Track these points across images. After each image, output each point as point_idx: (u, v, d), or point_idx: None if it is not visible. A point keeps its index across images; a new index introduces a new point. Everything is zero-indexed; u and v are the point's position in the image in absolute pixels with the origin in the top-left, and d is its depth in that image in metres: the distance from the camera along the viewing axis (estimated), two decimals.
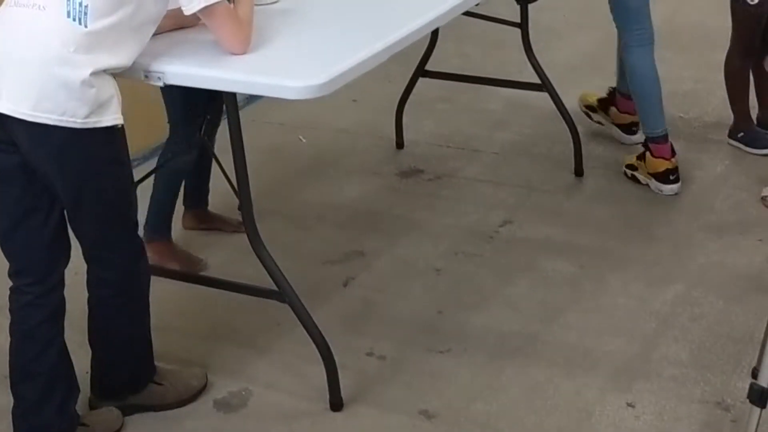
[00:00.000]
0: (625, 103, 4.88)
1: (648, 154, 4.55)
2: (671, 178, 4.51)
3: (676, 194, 4.50)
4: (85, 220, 3.09)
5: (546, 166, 4.78)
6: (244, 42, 3.15)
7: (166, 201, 4.08)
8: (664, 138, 4.53)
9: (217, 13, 3.07)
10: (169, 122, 3.90)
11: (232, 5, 3.15)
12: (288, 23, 3.44)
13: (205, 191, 4.29)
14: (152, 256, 4.01)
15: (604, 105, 5.00)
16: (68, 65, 2.86)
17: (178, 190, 4.11)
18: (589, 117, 5.04)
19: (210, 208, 4.37)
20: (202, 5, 3.03)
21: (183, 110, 3.81)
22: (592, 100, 5.04)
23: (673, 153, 4.53)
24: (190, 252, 4.18)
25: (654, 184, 4.54)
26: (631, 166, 4.64)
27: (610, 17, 4.59)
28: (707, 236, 4.23)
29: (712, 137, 4.97)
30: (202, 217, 4.34)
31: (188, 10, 3.04)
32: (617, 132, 4.97)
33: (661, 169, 4.51)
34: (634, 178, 4.62)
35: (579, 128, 4.71)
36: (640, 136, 4.77)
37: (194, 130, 3.87)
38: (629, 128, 4.94)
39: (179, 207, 4.19)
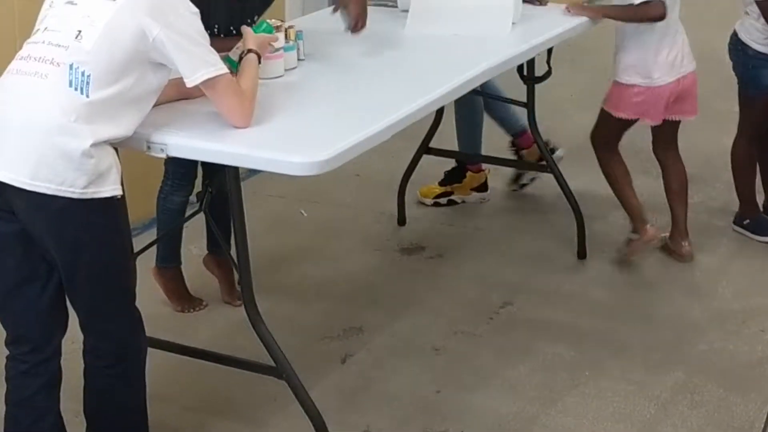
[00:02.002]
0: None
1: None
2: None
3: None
4: (81, 290, 3.06)
5: (549, 247, 4.76)
6: (246, 115, 3.14)
7: (167, 235, 4.17)
8: None
9: (219, 86, 3.07)
10: (164, 162, 3.93)
11: (235, 78, 3.15)
12: (292, 98, 3.45)
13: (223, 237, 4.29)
14: (158, 280, 4.17)
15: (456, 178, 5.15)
16: (69, 134, 2.86)
17: (180, 225, 4.15)
18: (442, 204, 5.14)
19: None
20: (205, 77, 3.03)
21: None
22: (436, 190, 5.16)
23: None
24: (192, 295, 4.30)
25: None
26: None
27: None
28: (709, 323, 4.20)
29: (716, 223, 4.95)
30: (219, 263, 4.34)
31: (191, 82, 3.04)
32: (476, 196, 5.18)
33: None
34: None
35: (583, 210, 4.70)
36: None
37: (188, 176, 4.04)
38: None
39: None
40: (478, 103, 4.92)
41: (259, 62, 3.32)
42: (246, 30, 3.42)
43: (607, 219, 4.96)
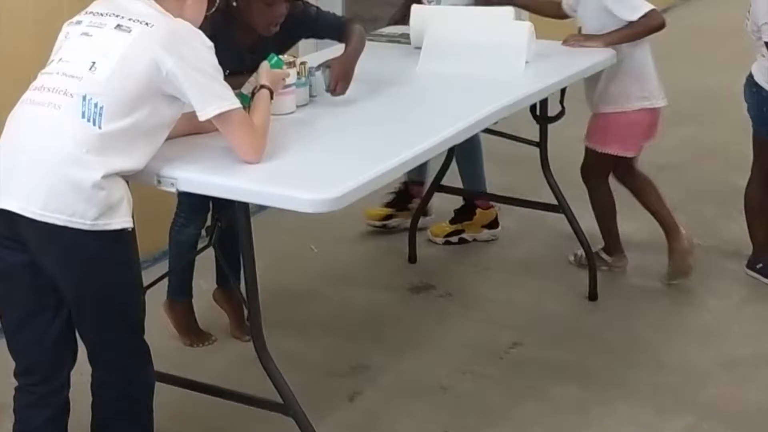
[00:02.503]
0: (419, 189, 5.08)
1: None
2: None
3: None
4: (90, 323, 3.06)
5: (559, 287, 4.74)
6: (258, 150, 3.14)
7: (179, 268, 4.18)
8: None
9: (232, 120, 3.07)
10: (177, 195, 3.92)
11: (247, 113, 3.15)
12: (304, 134, 3.45)
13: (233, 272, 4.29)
14: (169, 314, 4.19)
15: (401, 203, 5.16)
16: (80, 166, 2.86)
17: (191, 258, 4.14)
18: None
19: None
20: (217, 111, 3.03)
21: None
22: (381, 212, 5.18)
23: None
24: (201, 329, 4.31)
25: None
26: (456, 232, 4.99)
27: None
28: (720, 367, 4.16)
29: (729, 266, 4.92)
30: (228, 298, 4.33)
31: (203, 116, 3.04)
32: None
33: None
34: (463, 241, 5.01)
35: (595, 251, 4.67)
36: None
37: (200, 209, 4.05)
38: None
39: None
40: (477, 139, 4.91)
41: (272, 98, 3.32)
42: (261, 66, 3.42)
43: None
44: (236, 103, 3.07)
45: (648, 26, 4.39)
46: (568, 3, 4.68)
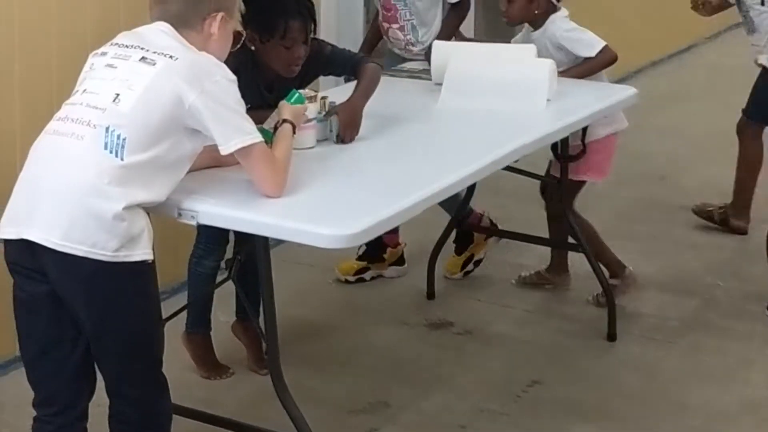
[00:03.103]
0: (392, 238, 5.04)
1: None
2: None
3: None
4: (108, 354, 3.05)
5: (578, 327, 4.71)
6: (279, 185, 3.14)
7: (198, 300, 4.16)
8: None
9: (253, 154, 3.07)
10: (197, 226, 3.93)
11: (269, 147, 3.15)
12: (324, 169, 3.45)
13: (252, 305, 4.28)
14: (187, 346, 4.18)
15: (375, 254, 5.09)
16: (101, 197, 2.86)
17: (210, 290, 4.14)
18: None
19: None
20: (239, 146, 3.03)
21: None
22: (355, 266, 5.10)
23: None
24: (219, 362, 4.29)
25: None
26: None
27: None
28: (741, 410, 4.12)
29: (750, 308, 4.88)
30: (246, 331, 4.32)
31: (225, 150, 3.04)
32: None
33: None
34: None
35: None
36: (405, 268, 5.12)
37: (220, 241, 4.05)
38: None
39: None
40: None
41: (294, 133, 3.32)
42: (281, 104, 3.43)
43: (638, 300, 4.90)
44: (258, 138, 3.07)
45: (603, 61, 4.62)
46: (517, 41, 4.77)
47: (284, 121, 3.31)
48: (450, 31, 4.90)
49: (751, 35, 5.48)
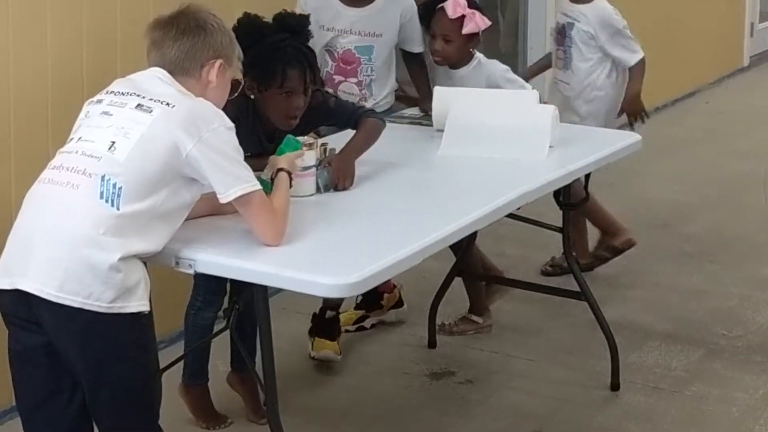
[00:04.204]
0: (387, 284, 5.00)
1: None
2: None
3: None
4: (103, 406, 3.01)
5: (581, 377, 4.65)
6: (278, 233, 3.11)
7: (196, 351, 4.10)
8: None
9: (252, 203, 3.04)
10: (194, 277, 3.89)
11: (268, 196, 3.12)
12: (323, 217, 3.43)
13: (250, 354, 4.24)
14: (184, 397, 4.17)
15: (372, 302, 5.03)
16: (97, 247, 2.83)
17: (207, 341, 4.08)
18: (358, 329, 5.04)
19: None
20: (239, 194, 3.00)
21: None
22: (353, 315, 5.05)
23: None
24: (218, 412, 4.23)
25: None
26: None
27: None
28: None
29: (755, 358, 4.82)
30: (243, 381, 4.25)
31: (224, 198, 3.01)
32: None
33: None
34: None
35: (618, 340, 4.60)
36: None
37: (218, 291, 4.00)
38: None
39: None
40: None
41: (291, 180, 3.29)
42: (272, 157, 3.42)
43: (641, 350, 4.85)
44: (257, 185, 3.05)
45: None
46: (439, 77, 4.77)
47: (280, 170, 3.29)
48: (424, 79, 4.84)
49: (562, 70, 5.39)
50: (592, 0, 5.30)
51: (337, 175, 3.67)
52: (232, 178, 3.00)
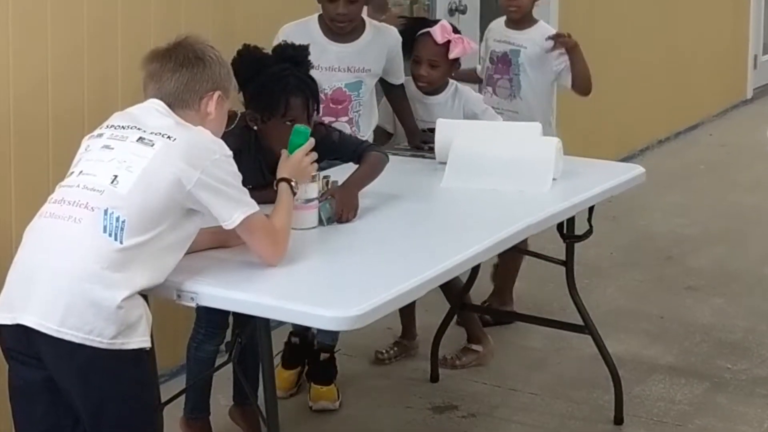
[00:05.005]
0: None
1: None
2: None
3: None
4: None
5: (584, 411, 4.62)
6: (279, 254, 3.13)
7: (197, 385, 4.07)
8: None
9: (253, 225, 3.05)
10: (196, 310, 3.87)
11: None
12: (326, 249, 3.42)
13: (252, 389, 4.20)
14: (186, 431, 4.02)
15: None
16: (99, 283, 2.82)
17: (209, 374, 4.05)
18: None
19: None
20: (242, 218, 3.01)
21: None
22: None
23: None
24: None
25: None
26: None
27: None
28: None
29: (760, 391, 4.79)
30: (245, 415, 4.22)
31: (230, 225, 3.02)
32: None
33: None
34: None
35: (621, 373, 4.57)
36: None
37: (220, 325, 3.98)
38: None
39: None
40: None
41: (294, 192, 3.28)
42: (282, 157, 3.41)
43: (645, 383, 4.82)
44: (255, 207, 3.06)
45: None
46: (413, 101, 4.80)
47: (281, 179, 3.28)
48: (409, 112, 4.78)
49: (507, 100, 5.17)
50: (536, 23, 5.20)
51: (341, 207, 3.66)
52: (235, 203, 3.02)
